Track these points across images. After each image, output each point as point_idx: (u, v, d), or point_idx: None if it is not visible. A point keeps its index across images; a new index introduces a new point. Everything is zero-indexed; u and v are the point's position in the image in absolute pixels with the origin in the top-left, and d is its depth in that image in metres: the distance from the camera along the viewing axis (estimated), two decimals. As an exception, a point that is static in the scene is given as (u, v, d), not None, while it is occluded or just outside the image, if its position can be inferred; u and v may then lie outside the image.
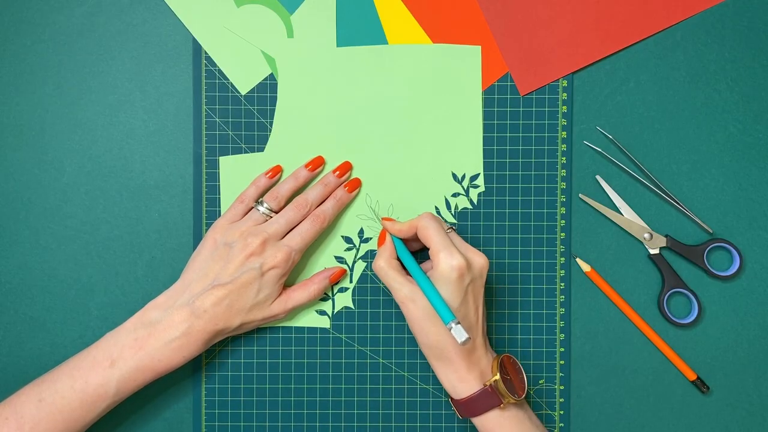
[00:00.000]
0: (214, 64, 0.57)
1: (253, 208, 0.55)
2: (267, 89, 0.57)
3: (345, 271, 0.57)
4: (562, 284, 0.58)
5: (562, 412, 0.58)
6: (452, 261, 0.48)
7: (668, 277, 0.57)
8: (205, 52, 0.57)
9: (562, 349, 0.58)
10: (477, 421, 0.50)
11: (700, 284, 0.58)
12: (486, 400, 0.49)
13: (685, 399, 0.58)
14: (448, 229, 0.53)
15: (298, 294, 0.55)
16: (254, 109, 0.57)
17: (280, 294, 0.54)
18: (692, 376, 0.57)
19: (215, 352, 0.57)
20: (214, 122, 0.57)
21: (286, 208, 0.55)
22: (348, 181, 0.57)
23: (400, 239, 0.54)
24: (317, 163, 0.57)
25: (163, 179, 0.58)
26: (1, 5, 0.57)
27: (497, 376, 0.49)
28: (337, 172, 0.56)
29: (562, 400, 0.58)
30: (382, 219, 0.55)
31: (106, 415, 0.52)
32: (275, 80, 0.57)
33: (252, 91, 0.57)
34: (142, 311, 0.52)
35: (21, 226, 0.57)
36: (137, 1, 0.58)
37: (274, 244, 0.53)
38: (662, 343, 0.58)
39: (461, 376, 0.50)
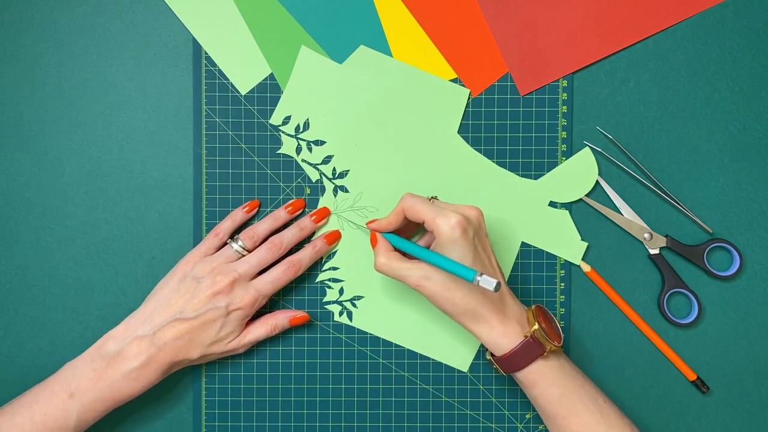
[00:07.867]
0: (214, 64, 0.57)
1: (227, 243, 0.55)
2: (267, 89, 0.57)
3: (308, 318, 0.57)
4: (562, 284, 0.58)
5: (562, 412, 0.58)
6: (450, 221, 0.48)
7: (668, 277, 0.57)
8: (205, 52, 0.57)
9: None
10: (521, 375, 0.50)
11: (700, 284, 0.58)
12: (529, 350, 0.49)
13: (685, 399, 0.58)
14: (431, 198, 0.53)
15: (257, 329, 0.55)
16: (254, 109, 0.57)
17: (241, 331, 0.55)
18: (692, 376, 0.57)
19: (215, 352, 0.57)
20: (214, 122, 0.57)
21: (260, 247, 0.55)
22: (328, 234, 0.57)
23: (391, 233, 0.53)
24: (297, 207, 0.56)
25: (163, 179, 0.58)
26: (1, 5, 0.57)
27: (536, 326, 0.49)
28: (314, 217, 0.56)
29: (562, 400, 0.58)
30: (367, 223, 0.54)
31: (107, 415, 0.52)
32: (275, 80, 0.57)
33: (252, 91, 0.57)
34: (100, 342, 0.52)
35: (21, 226, 0.57)
36: (137, 1, 0.58)
37: (243, 285, 0.53)
38: (662, 343, 0.58)
39: (501, 331, 0.50)
